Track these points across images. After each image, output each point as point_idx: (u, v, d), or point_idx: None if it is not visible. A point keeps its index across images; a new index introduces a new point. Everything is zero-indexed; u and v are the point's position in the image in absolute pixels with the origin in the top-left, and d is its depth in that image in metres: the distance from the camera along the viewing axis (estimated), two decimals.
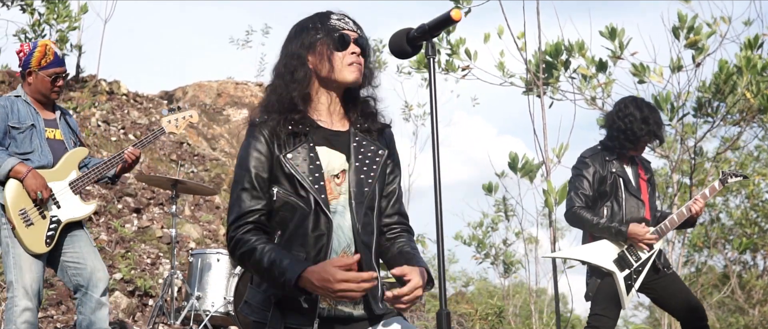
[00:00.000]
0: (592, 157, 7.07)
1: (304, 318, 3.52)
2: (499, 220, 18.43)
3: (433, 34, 3.34)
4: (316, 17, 3.74)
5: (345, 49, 3.63)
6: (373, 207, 3.70)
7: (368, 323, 3.68)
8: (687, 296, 7.16)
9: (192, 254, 8.85)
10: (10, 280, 6.21)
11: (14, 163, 6.14)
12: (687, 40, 10.39)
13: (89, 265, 6.45)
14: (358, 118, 3.78)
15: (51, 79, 6.47)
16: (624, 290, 6.87)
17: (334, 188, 3.63)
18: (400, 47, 3.44)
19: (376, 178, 3.71)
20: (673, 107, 10.52)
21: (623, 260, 6.91)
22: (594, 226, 6.89)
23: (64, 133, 6.60)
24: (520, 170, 11.70)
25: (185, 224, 12.64)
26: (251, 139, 3.64)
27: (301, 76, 3.66)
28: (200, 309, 8.48)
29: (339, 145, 3.71)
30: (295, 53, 3.69)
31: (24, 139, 6.35)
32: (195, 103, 20.76)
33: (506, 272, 18.56)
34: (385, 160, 3.79)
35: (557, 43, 10.97)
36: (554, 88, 11.44)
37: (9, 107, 6.39)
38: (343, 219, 3.62)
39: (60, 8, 16.80)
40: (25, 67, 6.47)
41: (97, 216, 11.88)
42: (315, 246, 3.54)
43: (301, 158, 3.58)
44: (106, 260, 10.55)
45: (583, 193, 6.95)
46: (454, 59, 11.93)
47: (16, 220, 6.13)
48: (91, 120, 15.51)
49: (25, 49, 6.49)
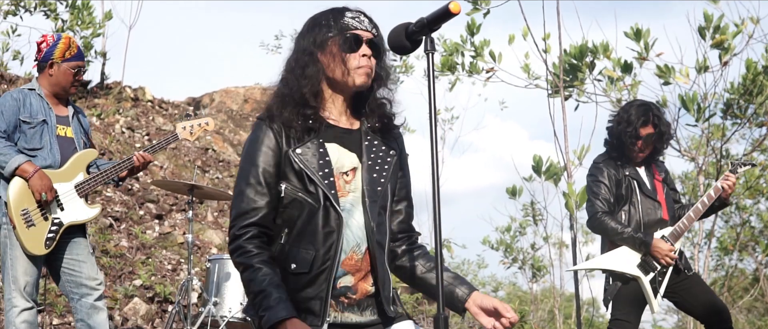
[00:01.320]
0: (605, 161, 7.03)
1: (316, 319, 3.46)
2: (526, 224, 18.30)
3: (433, 28, 3.25)
4: (330, 13, 3.66)
5: (356, 50, 3.56)
6: (386, 207, 3.65)
7: (376, 327, 3.62)
8: (711, 298, 7.06)
9: (210, 260, 8.79)
10: (7, 280, 6.17)
11: (21, 161, 6.07)
12: (713, 40, 10.24)
13: (85, 272, 6.39)
14: (369, 117, 3.72)
15: (74, 72, 6.42)
16: (651, 294, 6.78)
17: (343, 185, 3.57)
18: (400, 42, 3.35)
19: (388, 178, 3.66)
20: (699, 108, 10.38)
21: (647, 264, 6.81)
22: (618, 235, 6.80)
23: (76, 131, 6.54)
24: (545, 173, 11.58)
25: (207, 230, 12.62)
26: (259, 132, 3.59)
27: (312, 73, 3.59)
28: (217, 315, 8.40)
29: (349, 144, 3.65)
30: (307, 49, 3.62)
31: (34, 135, 6.27)
32: (222, 109, 20.80)
33: (534, 277, 18.45)
34: (396, 162, 3.73)
35: (582, 44, 10.85)
36: (580, 91, 11.33)
37: (21, 100, 6.32)
38: (352, 218, 3.55)
39: (84, 15, 16.83)
40: (47, 58, 6.40)
41: (118, 222, 11.87)
42: (324, 244, 3.47)
43: (310, 154, 3.53)
44: (126, 266, 10.55)
45: (604, 198, 6.88)
46: (478, 61, 11.83)
47: (17, 220, 6.05)
48: (116, 126, 15.54)
49: (48, 40, 6.44)
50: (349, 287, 3.51)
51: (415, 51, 3.39)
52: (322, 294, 3.43)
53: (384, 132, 3.75)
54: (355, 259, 3.52)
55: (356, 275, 3.53)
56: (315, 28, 3.64)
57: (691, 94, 10.40)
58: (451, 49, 11.98)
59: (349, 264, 3.51)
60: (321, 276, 3.44)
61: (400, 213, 3.78)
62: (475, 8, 10.95)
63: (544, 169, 11.52)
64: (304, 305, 3.43)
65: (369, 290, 3.57)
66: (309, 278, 3.44)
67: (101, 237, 10.99)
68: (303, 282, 3.44)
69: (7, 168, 6.05)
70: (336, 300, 3.49)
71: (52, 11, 17.05)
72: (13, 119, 6.21)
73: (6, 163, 6.03)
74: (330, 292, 3.44)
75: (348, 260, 3.51)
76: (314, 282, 3.44)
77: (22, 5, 17.02)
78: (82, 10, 17.00)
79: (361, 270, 3.52)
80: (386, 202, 3.64)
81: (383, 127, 3.73)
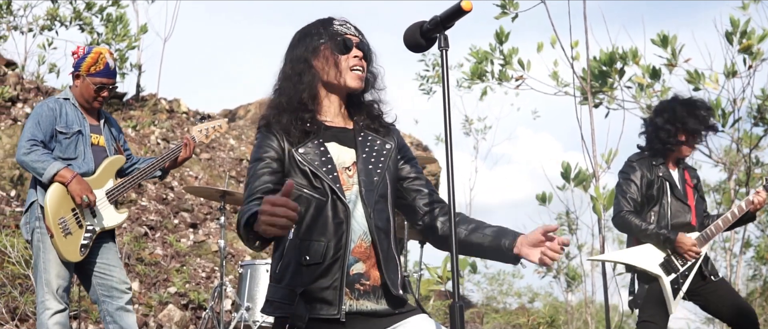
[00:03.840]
0: (640, 161, 7.02)
1: (331, 308, 3.55)
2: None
3: (446, 25, 3.32)
4: (318, 23, 3.88)
5: (348, 52, 3.75)
6: (386, 196, 3.77)
7: (392, 317, 3.70)
8: (738, 301, 7.06)
9: (242, 265, 8.92)
10: (40, 283, 6.26)
11: (59, 167, 6.15)
12: (740, 45, 10.26)
13: (116, 276, 6.50)
14: (362, 118, 3.89)
15: (95, 88, 6.48)
16: (671, 294, 6.79)
17: (346, 179, 3.70)
18: (415, 40, 3.44)
19: (385, 168, 3.79)
20: (724, 113, 10.40)
21: (669, 264, 6.83)
22: (641, 231, 6.82)
23: (107, 139, 6.64)
24: (574, 180, 11.61)
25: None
26: (262, 138, 3.73)
27: (309, 78, 3.77)
28: (250, 320, 8.52)
29: (346, 141, 3.81)
30: (301, 57, 3.80)
31: (69, 145, 6.37)
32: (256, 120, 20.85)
33: (569, 286, 18.44)
34: (394, 153, 3.88)
35: (612, 51, 10.91)
36: (610, 98, 11.38)
37: (58, 110, 6.40)
38: (356, 209, 3.67)
39: (119, 28, 17.00)
40: (76, 69, 6.49)
41: (153, 231, 12.02)
42: (335, 234, 3.59)
43: (312, 152, 3.67)
44: (160, 274, 10.68)
45: (631, 198, 6.89)
46: (507, 69, 11.91)
47: (55, 229, 6.14)
48: (151, 138, 15.68)
49: (79, 52, 6.52)
50: (361, 274, 3.61)
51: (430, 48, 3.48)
52: (336, 284, 3.53)
53: (378, 129, 3.91)
54: (364, 247, 3.64)
55: (367, 262, 3.65)
56: (307, 38, 3.83)
57: (715, 100, 10.42)
58: (481, 58, 12.07)
59: (359, 252, 3.62)
60: (334, 266, 3.54)
61: (419, 191, 3.91)
62: (504, 12, 11.02)
63: (573, 176, 11.55)
64: (319, 295, 3.52)
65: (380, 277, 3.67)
66: (323, 268, 3.54)
67: (136, 246, 11.13)
68: (317, 273, 3.54)
69: (45, 175, 6.13)
70: (350, 287, 3.58)
71: (87, 25, 17.23)
72: (49, 129, 6.31)
73: (44, 169, 6.11)
74: (344, 280, 3.54)
75: (358, 248, 3.62)
76: (328, 272, 3.54)
77: (57, 19, 17.21)
78: (117, 24, 17.19)
79: (372, 257, 3.65)
80: (386, 190, 3.76)
81: (377, 126, 3.90)
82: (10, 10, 16.98)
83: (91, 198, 6.22)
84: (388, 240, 3.70)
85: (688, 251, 6.76)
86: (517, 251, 3.57)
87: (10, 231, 10.32)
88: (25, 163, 6.18)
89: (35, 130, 6.25)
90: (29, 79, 15.79)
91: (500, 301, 25.96)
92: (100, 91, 6.51)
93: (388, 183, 3.77)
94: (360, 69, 3.77)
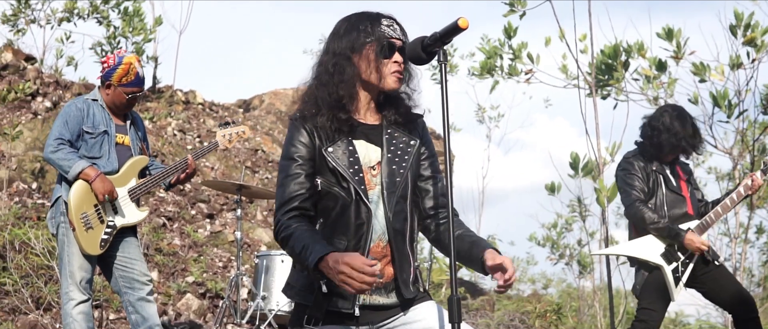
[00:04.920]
0: (635, 156, 7.28)
1: (347, 302, 3.77)
2: (572, 221, 18.41)
3: (445, 41, 3.57)
4: (366, 19, 3.92)
5: (391, 57, 3.84)
6: (406, 196, 3.92)
7: (401, 309, 3.92)
8: (737, 288, 7.29)
9: (258, 256, 9.14)
10: (64, 275, 6.54)
11: (84, 166, 6.41)
12: (745, 38, 10.44)
13: (137, 269, 6.75)
14: (390, 113, 3.99)
15: (128, 97, 6.72)
16: (672, 283, 7.02)
17: (370, 179, 3.86)
18: (417, 54, 3.68)
19: (408, 168, 3.92)
20: (730, 104, 10.57)
21: (670, 253, 7.06)
22: (654, 224, 7.03)
23: (132, 139, 6.88)
24: (583, 170, 11.82)
25: (257, 228, 12.96)
26: (294, 131, 3.87)
27: (349, 76, 3.86)
28: (265, 309, 8.76)
29: (374, 138, 3.93)
30: (344, 52, 3.88)
31: (94, 144, 6.62)
32: (271, 110, 21.04)
33: (581, 273, 18.57)
34: (417, 150, 4.01)
35: (616, 44, 11.09)
36: (618, 89, 11.56)
37: (85, 111, 6.66)
38: (378, 209, 3.85)
39: (135, 21, 17.18)
40: (106, 78, 6.71)
41: (171, 222, 12.24)
42: (356, 235, 3.79)
43: (340, 151, 3.81)
44: (179, 264, 10.90)
45: (640, 189, 7.12)
46: (516, 63, 12.10)
47: (77, 224, 6.41)
48: (167, 129, 15.88)
49: (110, 62, 6.72)
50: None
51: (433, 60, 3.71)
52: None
53: (405, 123, 4.03)
54: (381, 246, 3.84)
55: (383, 261, 3.85)
56: (352, 32, 3.90)
57: (722, 91, 10.59)
58: (491, 53, 12.25)
59: (376, 251, 3.83)
60: None
61: (428, 192, 4.05)
62: (512, 10, 11.23)
63: (582, 166, 11.76)
64: (336, 290, 3.72)
65: (393, 273, 3.88)
66: None
67: (155, 236, 11.35)
68: None
69: (71, 173, 6.40)
70: None
71: (104, 18, 17.43)
72: (77, 129, 6.58)
73: (70, 167, 6.39)
74: None
75: (375, 247, 3.83)
76: None
77: (75, 12, 17.40)
78: (134, 17, 17.38)
79: (387, 256, 3.85)
80: (406, 191, 3.92)
81: (404, 118, 4.02)
82: (29, 3, 17.18)
83: (113, 196, 6.49)
84: (403, 241, 3.88)
85: (698, 248, 6.99)
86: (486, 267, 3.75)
87: (33, 223, 10.55)
88: (52, 161, 6.47)
89: (63, 130, 6.53)
90: (48, 72, 15.97)
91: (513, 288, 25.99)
92: (132, 100, 6.78)
93: (409, 183, 3.92)
94: (400, 73, 3.87)
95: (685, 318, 18.30)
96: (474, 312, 13.33)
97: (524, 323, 12.58)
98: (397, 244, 3.85)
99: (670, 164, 7.34)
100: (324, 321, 3.78)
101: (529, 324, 12.80)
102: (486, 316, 12.98)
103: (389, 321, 3.91)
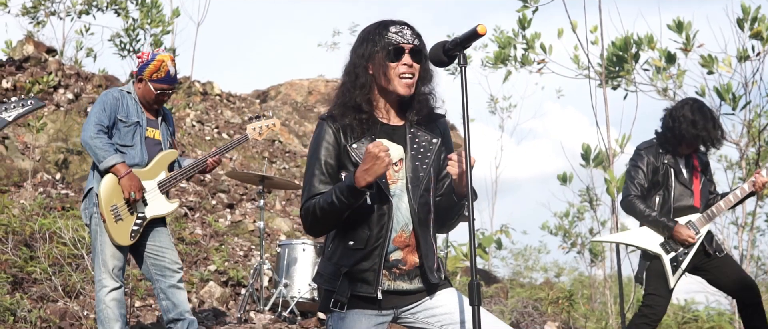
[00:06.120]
0: (647, 149, 7.50)
1: (369, 287, 4.08)
2: (584, 210, 18.59)
3: (464, 46, 3.88)
4: (376, 29, 4.21)
5: (398, 60, 4.13)
6: (430, 189, 4.22)
7: (426, 294, 4.22)
8: (741, 275, 7.56)
9: (279, 245, 9.39)
10: (97, 263, 6.80)
11: (117, 161, 6.66)
12: (752, 31, 10.63)
13: (168, 257, 7.00)
14: (413, 114, 4.27)
15: (156, 93, 6.97)
16: (670, 271, 7.29)
17: (393, 174, 4.16)
18: (438, 57, 3.99)
19: (430, 164, 4.23)
20: (734, 97, 10.77)
21: (669, 244, 7.34)
22: (645, 217, 7.35)
23: (163, 134, 7.13)
24: (594, 160, 12.04)
25: (276, 218, 13.20)
26: (321, 131, 4.20)
27: (363, 82, 4.17)
28: (287, 296, 9.03)
29: (397, 138, 4.24)
30: (359, 61, 4.20)
31: (127, 133, 6.87)
32: (287, 101, 21.27)
33: (592, 261, 18.77)
34: (439, 148, 4.31)
35: (626, 37, 11.30)
36: (628, 80, 11.77)
37: (120, 100, 6.92)
38: (401, 201, 4.16)
39: (153, 13, 17.40)
40: (139, 73, 6.97)
41: (192, 212, 12.49)
42: (377, 224, 4.08)
43: (364, 148, 4.08)
44: (200, 253, 11.14)
45: (639, 183, 7.40)
46: (529, 53, 12.32)
47: (107, 215, 6.67)
48: (186, 120, 16.12)
49: (144, 57, 6.98)
50: (399, 259, 4.12)
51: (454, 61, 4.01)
52: (375, 267, 4.06)
53: (427, 123, 4.33)
54: (403, 236, 4.14)
55: (405, 250, 4.15)
56: (365, 43, 4.21)
57: (726, 84, 10.80)
58: (504, 43, 12.48)
59: (398, 241, 4.13)
60: (374, 252, 4.06)
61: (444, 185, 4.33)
62: (525, 6, 11.48)
63: (593, 157, 11.98)
64: (360, 276, 4.07)
65: (416, 261, 4.17)
66: (364, 253, 4.07)
67: (177, 226, 11.60)
68: (359, 256, 4.07)
69: (103, 164, 6.65)
70: (389, 271, 4.12)
71: (123, 9, 17.67)
72: (113, 116, 6.83)
73: (104, 158, 6.63)
74: (382, 265, 4.07)
75: (398, 237, 4.13)
76: (369, 256, 4.07)
77: (94, 4, 17.64)
78: (152, 8, 17.62)
79: (410, 245, 4.15)
80: (430, 185, 4.23)
81: (427, 118, 4.32)
82: None
83: (137, 196, 6.72)
84: (427, 230, 4.19)
85: (685, 240, 7.25)
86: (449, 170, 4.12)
87: (58, 213, 10.81)
88: (89, 146, 6.70)
89: (101, 116, 6.77)
90: (68, 64, 16.19)
91: (526, 276, 26.22)
92: (160, 97, 7.03)
93: (431, 176, 4.23)
94: (409, 76, 4.13)
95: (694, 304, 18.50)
96: (488, 299, 13.53)
97: (537, 310, 12.80)
98: (422, 233, 4.15)
99: (686, 156, 7.58)
100: (349, 306, 4.08)
101: (541, 310, 13.02)
102: (500, 303, 13.20)
103: (414, 305, 4.20)
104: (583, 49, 11.06)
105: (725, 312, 16.78)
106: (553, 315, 13.07)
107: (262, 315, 9.23)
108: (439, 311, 4.18)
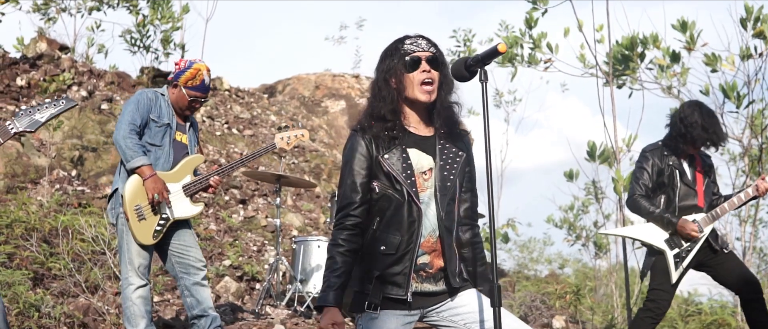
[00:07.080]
0: (652, 151, 7.75)
1: (401, 290, 4.36)
2: (589, 203, 18.75)
3: (485, 63, 4.14)
4: (393, 44, 4.51)
5: (415, 69, 4.41)
6: (455, 199, 4.50)
7: (448, 295, 4.49)
8: (743, 271, 7.80)
9: (295, 241, 9.60)
10: (123, 261, 7.00)
11: (144, 163, 6.86)
12: (754, 30, 10.81)
13: (192, 255, 7.22)
14: (441, 124, 4.54)
15: (189, 100, 7.17)
16: (672, 266, 7.52)
17: (422, 183, 4.43)
18: (460, 72, 4.25)
19: (457, 174, 4.50)
20: (739, 96, 10.94)
21: (673, 240, 7.59)
22: (649, 214, 7.60)
23: (190, 139, 7.35)
24: (599, 157, 12.24)
25: (288, 213, 13.38)
26: (354, 142, 4.47)
27: (386, 95, 4.44)
28: (303, 291, 9.25)
29: (426, 148, 4.50)
30: (382, 76, 4.49)
31: (157, 133, 7.07)
32: (294, 95, 21.40)
33: (597, 254, 18.94)
34: (464, 160, 4.57)
35: (633, 36, 11.49)
36: (633, 79, 11.96)
37: (154, 101, 7.12)
38: (429, 209, 4.43)
39: (163, 9, 17.56)
40: (175, 78, 7.17)
41: (207, 207, 12.63)
42: (408, 231, 4.36)
43: (395, 158, 4.39)
44: (215, 248, 11.32)
45: (644, 183, 7.65)
46: (536, 52, 12.53)
47: (130, 214, 6.87)
48: (196, 116, 16.24)
49: (181, 64, 7.18)
50: (426, 263, 4.41)
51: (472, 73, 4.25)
52: (405, 271, 4.34)
53: (453, 136, 4.59)
54: (431, 242, 4.42)
55: (432, 254, 4.43)
56: (385, 59, 4.50)
57: (731, 82, 10.98)
58: (511, 42, 12.69)
59: (426, 246, 4.41)
60: (405, 257, 4.33)
61: (466, 201, 4.62)
62: (534, 8, 11.70)
63: (599, 153, 12.19)
64: (391, 279, 4.35)
65: (441, 265, 4.45)
66: (395, 258, 4.34)
67: (192, 222, 11.73)
68: (390, 260, 4.34)
69: (130, 164, 6.84)
70: (417, 274, 4.39)
71: (133, 6, 17.82)
72: (146, 115, 7.02)
73: (132, 158, 6.82)
74: (412, 269, 4.34)
75: (426, 243, 4.40)
76: (400, 261, 4.34)
77: (105, 1, 17.78)
78: (162, 5, 17.79)
79: (436, 250, 4.43)
80: (455, 194, 4.50)
81: (451, 132, 4.58)
82: None
83: (160, 198, 6.91)
84: (451, 237, 4.45)
85: (689, 234, 7.48)
86: None
87: (75, 209, 11.03)
88: (120, 144, 6.88)
89: (135, 114, 6.97)
90: (80, 61, 16.32)
91: (531, 268, 26.36)
92: (193, 103, 7.23)
93: (457, 187, 4.51)
94: (430, 82, 4.40)
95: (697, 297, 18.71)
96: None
97: (545, 303, 12.99)
98: (446, 240, 4.42)
99: (690, 157, 7.81)
100: (381, 307, 4.36)
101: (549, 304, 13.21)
102: (508, 297, 13.39)
103: (439, 306, 4.48)
104: (590, 49, 11.28)
105: (728, 305, 16.96)
106: (561, 309, 13.25)
107: (279, 310, 9.44)
108: (462, 310, 4.44)
